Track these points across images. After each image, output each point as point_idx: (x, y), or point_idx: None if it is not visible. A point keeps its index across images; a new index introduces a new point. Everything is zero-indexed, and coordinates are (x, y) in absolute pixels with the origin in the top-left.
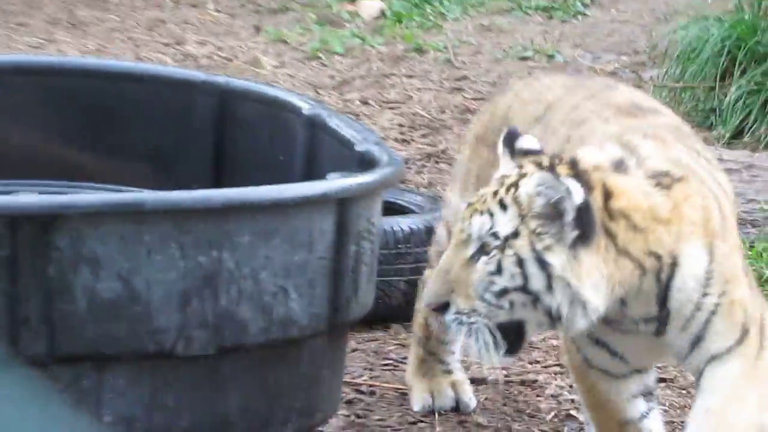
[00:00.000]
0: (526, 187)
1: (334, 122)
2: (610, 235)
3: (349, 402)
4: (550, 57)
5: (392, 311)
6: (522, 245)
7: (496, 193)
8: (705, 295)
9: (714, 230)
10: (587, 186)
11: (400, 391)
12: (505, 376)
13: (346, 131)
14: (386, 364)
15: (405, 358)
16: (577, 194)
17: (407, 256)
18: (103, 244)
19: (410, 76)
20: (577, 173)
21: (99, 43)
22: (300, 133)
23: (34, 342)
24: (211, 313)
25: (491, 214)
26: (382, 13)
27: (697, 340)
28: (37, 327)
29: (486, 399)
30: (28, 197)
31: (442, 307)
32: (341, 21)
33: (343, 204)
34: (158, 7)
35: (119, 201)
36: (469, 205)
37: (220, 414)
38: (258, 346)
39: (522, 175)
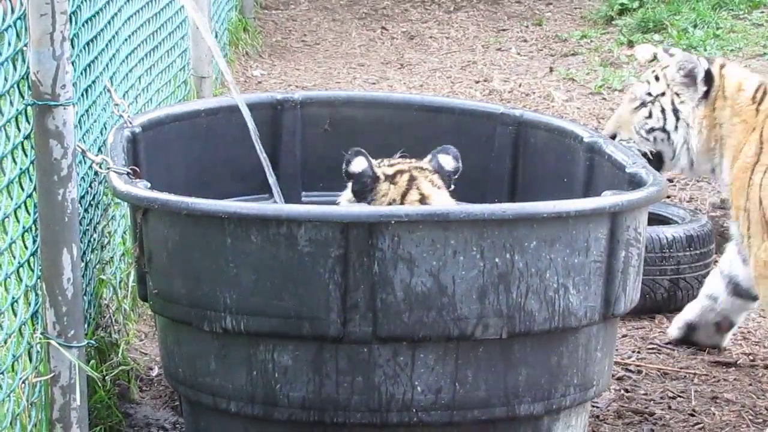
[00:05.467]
0: (672, 65)
1: (609, 149)
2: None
3: (620, 379)
4: None
5: (657, 304)
6: (666, 100)
7: (653, 71)
8: None
9: None
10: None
11: (662, 370)
12: (751, 360)
13: (619, 156)
14: (651, 348)
15: (667, 343)
16: (704, 65)
17: (670, 259)
18: (417, 246)
19: None
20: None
21: (422, 81)
22: (581, 158)
23: (361, 324)
24: (504, 305)
25: (649, 83)
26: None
27: None
28: (364, 312)
29: (735, 379)
30: (358, 207)
31: (612, 137)
32: (620, 63)
33: (615, 216)
34: (471, 51)
35: (430, 211)
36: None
37: (510, 387)
38: (543, 332)
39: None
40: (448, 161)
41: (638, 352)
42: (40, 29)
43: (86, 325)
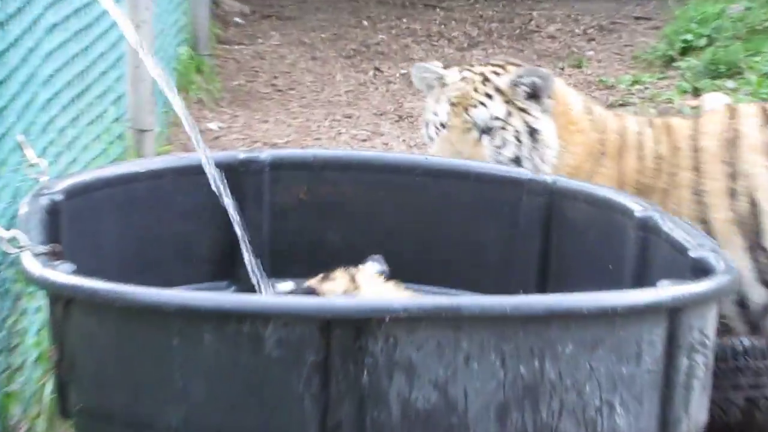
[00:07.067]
0: (506, 78)
1: (667, 225)
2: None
3: None
4: None
5: (729, 428)
6: (517, 122)
7: (476, 88)
8: None
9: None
10: None
11: None
12: None
13: (680, 235)
14: None
15: None
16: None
17: (746, 370)
18: (419, 350)
19: None
20: None
21: None
22: (631, 237)
23: None
24: (531, 427)
25: (483, 104)
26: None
27: None
28: None
29: None
30: (343, 299)
31: None
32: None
33: (674, 314)
34: None
35: (435, 306)
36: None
37: None
38: None
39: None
40: (373, 266)
41: None
42: None
43: None
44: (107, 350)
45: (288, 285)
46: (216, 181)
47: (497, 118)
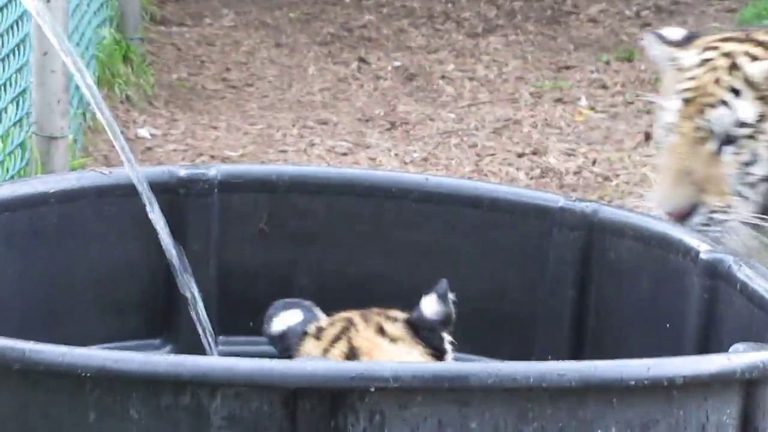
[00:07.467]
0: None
1: (743, 272)
2: None
3: None
4: None
5: None
6: None
7: (717, 79)
8: None
9: None
10: None
11: None
12: None
13: (760, 284)
14: None
15: None
16: None
17: None
18: (414, 431)
19: None
20: None
21: (427, 151)
22: (695, 286)
23: None
24: None
25: (727, 104)
26: None
27: None
28: None
29: None
30: (311, 362)
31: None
32: None
33: (750, 388)
34: (511, 103)
35: (436, 373)
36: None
37: None
38: None
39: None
40: (429, 304)
41: None
42: None
43: None
44: (4, 426)
45: (295, 314)
46: (149, 205)
47: (745, 124)
